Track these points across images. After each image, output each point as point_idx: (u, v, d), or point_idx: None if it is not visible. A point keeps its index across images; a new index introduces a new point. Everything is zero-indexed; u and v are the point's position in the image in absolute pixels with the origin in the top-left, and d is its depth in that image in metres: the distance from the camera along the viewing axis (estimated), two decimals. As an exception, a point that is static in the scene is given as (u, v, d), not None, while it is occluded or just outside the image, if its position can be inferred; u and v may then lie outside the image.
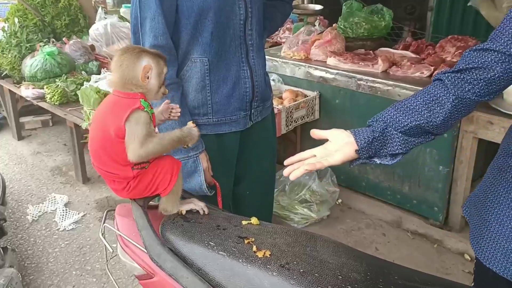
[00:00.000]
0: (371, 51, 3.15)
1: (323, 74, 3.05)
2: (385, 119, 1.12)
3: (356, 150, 1.10)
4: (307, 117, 3.07)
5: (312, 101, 3.06)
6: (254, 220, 1.22)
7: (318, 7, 3.90)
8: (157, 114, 1.30)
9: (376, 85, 2.77)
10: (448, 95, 1.07)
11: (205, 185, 1.63)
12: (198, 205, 1.29)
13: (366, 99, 2.83)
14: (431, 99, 1.09)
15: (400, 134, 1.11)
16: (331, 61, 3.04)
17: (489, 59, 1.03)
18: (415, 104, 1.10)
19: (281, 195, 2.90)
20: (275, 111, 2.32)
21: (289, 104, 2.91)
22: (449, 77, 1.08)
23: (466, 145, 2.51)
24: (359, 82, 2.85)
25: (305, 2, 4.81)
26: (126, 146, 1.13)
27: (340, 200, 3.07)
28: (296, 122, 3.00)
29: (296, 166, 1.10)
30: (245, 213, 1.33)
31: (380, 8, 3.34)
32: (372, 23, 3.28)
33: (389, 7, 3.36)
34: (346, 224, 2.89)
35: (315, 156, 1.12)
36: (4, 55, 3.79)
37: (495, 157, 1.15)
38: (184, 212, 1.26)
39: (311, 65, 3.12)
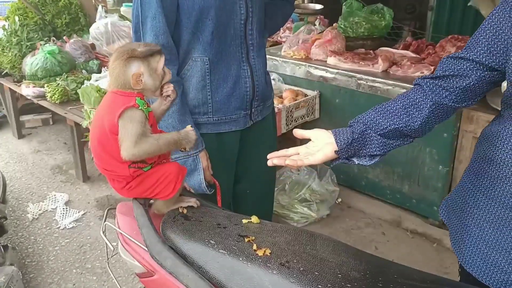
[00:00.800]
0: (371, 51, 3.15)
1: (323, 73, 3.05)
2: (365, 121, 1.15)
3: (335, 151, 1.13)
4: (307, 117, 3.07)
5: (312, 100, 3.06)
6: (254, 219, 1.23)
7: (319, 6, 3.91)
8: (157, 104, 1.28)
9: (376, 84, 2.78)
10: (426, 100, 1.11)
11: (204, 183, 1.63)
12: (190, 202, 1.30)
13: (366, 99, 2.84)
14: (410, 103, 1.13)
15: (379, 137, 1.14)
16: (331, 60, 3.04)
17: (465, 66, 1.06)
18: (394, 107, 1.14)
19: (281, 194, 2.91)
20: (275, 110, 2.32)
21: (289, 103, 2.92)
22: (428, 83, 1.12)
23: (465, 145, 2.52)
24: (359, 81, 2.85)
25: (306, 1, 4.81)
26: (119, 144, 1.13)
27: (339, 199, 3.08)
28: (296, 121, 3.01)
29: (279, 160, 1.16)
30: (245, 212, 1.34)
31: (381, 8, 3.34)
32: (372, 23, 3.28)
33: (389, 7, 3.37)
34: (346, 223, 2.89)
35: (299, 154, 1.17)
36: (5, 54, 3.80)
37: (470, 162, 1.17)
38: (185, 211, 1.27)
39: (311, 65, 3.12)
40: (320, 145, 1.15)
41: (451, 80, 1.08)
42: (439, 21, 4.13)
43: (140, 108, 1.14)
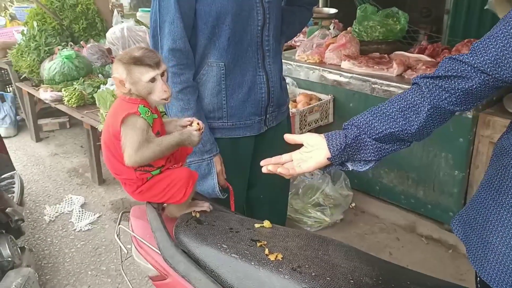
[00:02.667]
0: (386, 55, 3.13)
1: (337, 77, 3.04)
2: (360, 124, 1.10)
3: (328, 158, 1.09)
4: (321, 121, 3.07)
5: (326, 104, 3.05)
6: (266, 223, 1.23)
7: (333, 10, 3.91)
8: (174, 126, 1.29)
9: (391, 89, 2.76)
10: (424, 103, 1.05)
11: (218, 188, 1.64)
12: (203, 206, 1.31)
13: (381, 103, 2.81)
14: (407, 106, 1.07)
15: (374, 142, 1.08)
16: (346, 64, 3.03)
17: (469, 68, 0.99)
18: (391, 110, 1.08)
19: (294, 198, 2.90)
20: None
21: (303, 107, 2.92)
22: (427, 83, 1.05)
23: (482, 150, 2.49)
24: (373, 85, 2.84)
25: (320, 5, 4.81)
26: (122, 151, 1.15)
27: (353, 204, 3.06)
28: (310, 125, 3.00)
29: (274, 167, 1.13)
30: (258, 217, 1.34)
31: (396, 12, 3.33)
32: (387, 27, 3.27)
33: (405, 11, 3.35)
34: (360, 228, 2.87)
35: (292, 160, 1.13)
36: (23, 58, 3.87)
37: (487, 175, 1.09)
38: (198, 215, 1.28)
39: (325, 69, 3.11)
40: (313, 151, 1.11)
41: (453, 81, 1.01)
42: (456, 24, 4.09)
43: (141, 115, 1.15)
